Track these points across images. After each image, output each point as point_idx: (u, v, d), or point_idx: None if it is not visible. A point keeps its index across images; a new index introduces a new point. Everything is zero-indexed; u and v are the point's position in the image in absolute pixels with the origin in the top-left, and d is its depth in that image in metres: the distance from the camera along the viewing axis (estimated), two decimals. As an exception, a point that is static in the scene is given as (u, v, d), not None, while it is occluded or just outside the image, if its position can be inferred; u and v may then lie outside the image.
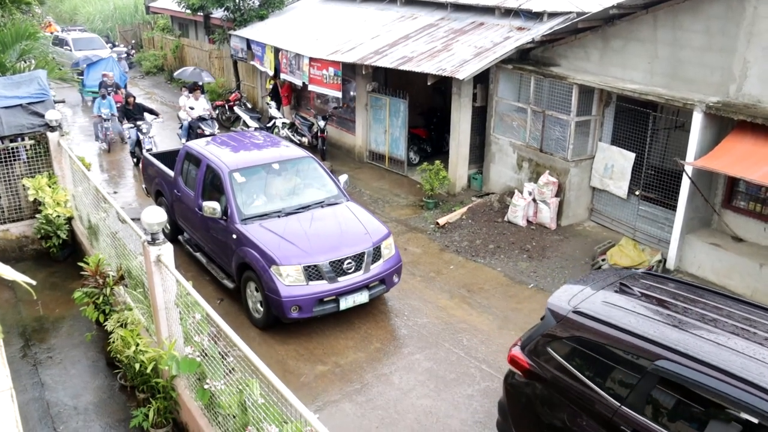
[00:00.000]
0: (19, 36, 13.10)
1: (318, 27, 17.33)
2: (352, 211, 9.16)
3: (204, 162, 9.57)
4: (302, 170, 9.74)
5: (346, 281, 8.14)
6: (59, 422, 6.74)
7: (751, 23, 8.68)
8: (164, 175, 10.83)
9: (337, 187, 9.55)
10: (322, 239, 8.41)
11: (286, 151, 9.99)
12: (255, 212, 8.76)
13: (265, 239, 8.21)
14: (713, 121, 9.15)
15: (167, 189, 10.66)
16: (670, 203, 10.00)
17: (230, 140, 10.58)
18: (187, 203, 9.87)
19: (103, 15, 36.74)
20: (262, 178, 9.34)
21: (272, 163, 9.51)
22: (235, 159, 9.49)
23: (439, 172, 12.59)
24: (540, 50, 12.04)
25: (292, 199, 9.18)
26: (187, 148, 10.25)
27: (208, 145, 10.23)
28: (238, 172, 9.09)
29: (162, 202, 11.04)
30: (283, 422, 4.42)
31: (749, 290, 8.98)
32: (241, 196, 8.90)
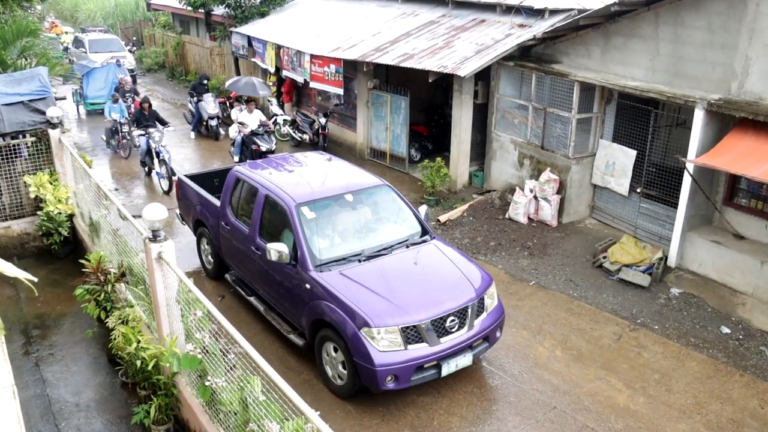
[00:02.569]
0: (20, 33, 13.11)
1: (319, 24, 17.32)
2: (444, 252, 7.73)
3: (262, 192, 8.08)
4: (379, 202, 8.29)
5: (448, 342, 6.74)
6: (61, 419, 6.76)
7: (753, 20, 8.66)
8: (207, 203, 9.34)
9: (420, 223, 8.15)
10: (418, 291, 7.02)
11: (358, 178, 8.50)
12: (331, 256, 7.29)
13: (349, 292, 6.77)
14: (715, 118, 9.14)
15: (211, 220, 9.22)
16: (672, 200, 9.99)
17: (286, 163, 9.14)
18: (240, 240, 8.43)
19: (104, 12, 36.73)
20: (335, 213, 7.87)
21: (345, 193, 8.00)
22: (301, 189, 7.93)
23: (440, 170, 12.59)
24: (541, 47, 12.02)
25: (372, 239, 7.72)
26: (237, 174, 8.71)
27: (262, 170, 8.73)
28: (306, 207, 7.60)
29: (203, 234, 9.74)
30: (284, 419, 4.43)
31: (750, 287, 8.98)
32: (313, 236, 7.44)
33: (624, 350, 8.04)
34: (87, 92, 19.63)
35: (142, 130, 14.10)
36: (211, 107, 17.28)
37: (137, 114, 14.53)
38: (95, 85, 19.60)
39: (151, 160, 13.93)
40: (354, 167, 9.01)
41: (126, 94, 17.30)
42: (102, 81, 19.53)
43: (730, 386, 7.36)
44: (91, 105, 19.78)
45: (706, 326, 8.49)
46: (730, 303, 8.93)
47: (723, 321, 8.57)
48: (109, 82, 19.46)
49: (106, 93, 19.26)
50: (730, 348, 8.06)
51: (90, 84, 19.60)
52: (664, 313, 8.82)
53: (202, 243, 9.88)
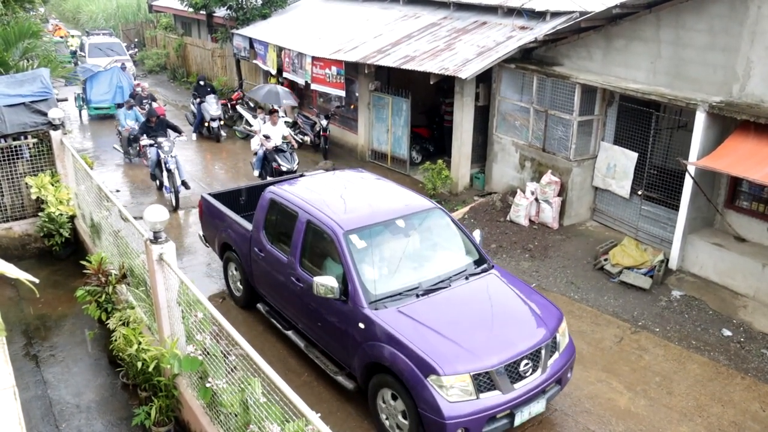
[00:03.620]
0: (22, 34, 13.13)
1: (321, 26, 17.34)
2: (508, 284, 7.03)
3: (302, 217, 7.30)
4: (432, 227, 7.57)
5: (522, 388, 6.06)
6: (61, 420, 6.75)
7: (754, 22, 8.66)
8: (236, 226, 8.58)
9: (477, 250, 7.45)
10: (487, 331, 6.30)
11: (407, 200, 7.70)
12: (386, 291, 6.51)
13: (412, 334, 6.03)
14: (716, 120, 9.14)
15: (241, 244, 8.43)
16: (673, 203, 9.98)
17: (324, 182, 8.33)
18: (276, 269, 7.68)
19: (106, 14, 36.78)
20: (387, 241, 7.11)
21: (396, 218, 7.23)
22: (347, 214, 7.16)
23: (441, 172, 12.59)
24: (543, 49, 12.03)
25: (428, 270, 6.96)
26: (272, 195, 7.95)
27: (299, 190, 7.91)
28: (356, 234, 6.82)
29: (231, 259, 8.94)
30: (284, 421, 4.43)
31: (752, 290, 8.96)
32: (365, 268, 6.65)
33: (625, 353, 8.03)
34: (90, 96, 19.02)
35: (151, 140, 13.13)
36: (213, 109, 17.29)
37: (142, 127, 13.56)
38: (99, 89, 18.97)
39: (161, 172, 12.97)
40: (399, 187, 8.21)
41: (143, 100, 16.81)
42: (106, 85, 18.96)
43: (731, 389, 7.35)
44: (95, 110, 19.28)
45: (707, 329, 8.48)
46: (732, 306, 8.91)
47: (724, 324, 8.56)
48: (114, 86, 18.98)
49: (110, 97, 18.94)
50: (731, 351, 8.04)
51: (93, 88, 18.97)
52: (665, 315, 8.81)
53: (229, 268, 9.09)
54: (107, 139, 17.47)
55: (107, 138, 17.62)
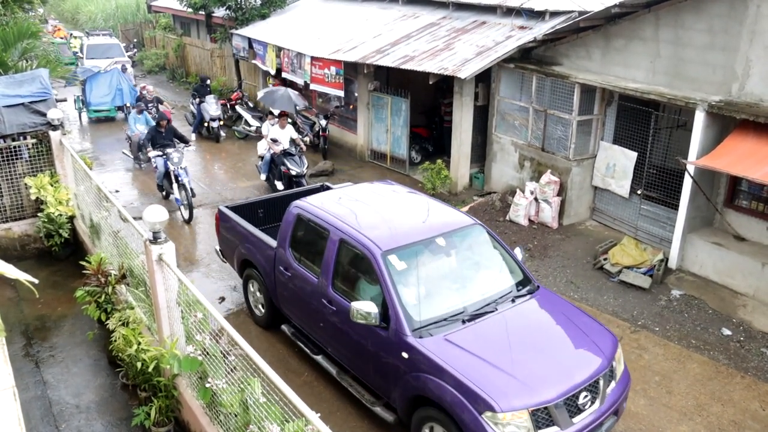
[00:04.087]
0: (21, 35, 13.12)
1: (320, 26, 17.34)
2: (558, 307, 6.57)
3: (335, 235, 6.76)
4: (474, 245, 7.04)
5: (581, 422, 5.59)
6: (61, 420, 6.75)
7: (753, 21, 8.67)
8: (258, 242, 8.04)
9: (522, 269, 6.95)
10: (541, 361, 5.77)
11: (445, 216, 7.22)
12: (430, 317, 6.01)
13: (462, 365, 5.53)
14: (715, 120, 9.14)
15: (264, 262, 7.89)
16: (672, 202, 9.99)
17: (354, 196, 7.71)
18: (304, 290, 7.16)
19: (105, 14, 36.77)
20: (428, 262, 6.59)
21: (436, 236, 6.70)
22: (384, 232, 6.60)
23: (440, 171, 12.59)
24: (542, 49, 12.03)
25: (472, 293, 6.44)
26: (299, 211, 7.40)
27: (328, 205, 7.33)
28: (394, 255, 6.30)
29: (252, 277, 8.36)
30: (284, 421, 4.43)
31: (751, 289, 8.97)
32: (407, 291, 6.14)
33: (625, 352, 8.02)
34: (90, 99, 18.60)
35: (159, 150, 12.40)
36: (213, 109, 17.28)
37: (152, 133, 12.78)
38: (99, 91, 18.54)
39: (169, 183, 12.40)
40: (434, 201, 7.72)
41: (149, 103, 16.33)
42: (106, 87, 18.56)
43: (731, 388, 7.35)
44: (95, 112, 18.90)
45: (707, 328, 8.48)
46: (731, 305, 8.92)
47: (724, 323, 8.56)
48: (114, 88, 18.62)
49: (110, 100, 18.65)
50: (731, 350, 8.05)
51: (93, 90, 18.53)
52: (664, 314, 8.81)
53: (250, 287, 8.53)
54: (107, 141, 17.39)
55: (107, 140, 17.53)
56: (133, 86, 19.32)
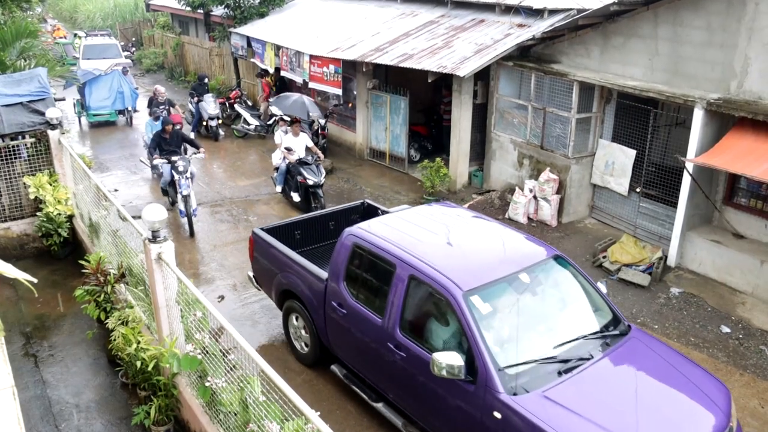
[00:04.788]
0: (19, 34, 13.10)
1: (318, 24, 17.32)
2: (659, 353, 5.77)
3: (404, 270, 5.95)
4: (558, 280, 6.23)
5: None
6: (61, 420, 6.75)
7: (752, 19, 8.67)
8: (302, 272, 7.19)
9: (611, 307, 6.17)
10: (658, 422, 5.02)
11: (524, 247, 6.50)
12: (523, 369, 5.26)
13: (569, 429, 4.81)
14: (714, 117, 9.14)
15: (311, 295, 7.07)
16: (671, 200, 9.99)
17: (421, 224, 6.76)
18: (364, 330, 6.35)
19: (104, 13, 36.71)
20: (513, 303, 5.80)
21: (518, 272, 5.92)
22: (462, 267, 5.85)
23: (439, 170, 12.59)
24: (540, 47, 12.03)
25: (562, 337, 5.66)
26: (357, 240, 6.56)
27: (393, 234, 6.48)
28: (477, 295, 5.53)
29: (294, 309, 7.52)
30: (284, 420, 4.43)
31: (750, 287, 8.98)
32: (494, 338, 5.40)
33: (624, 350, 8.03)
34: (90, 102, 17.98)
35: (164, 157, 11.70)
36: (211, 108, 17.26)
37: (157, 139, 12.07)
38: (99, 94, 17.91)
39: (174, 192, 11.79)
40: (507, 228, 6.92)
41: (160, 106, 15.71)
42: (106, 90, 17.96)
43: (730, 385, 7.35)
44: (95, 116, 18.29)
45: (705, 325, 8.49)
46: (730, 302, 8.93)
47: (723, 320, 8.57)
48: (114, 91, 18.06)
49: (111, 104, 18.10)
50: (730, 347, 8.06)
51: (93, 93, 17.89)
52: (663, 312, 8.82)
53: (292, 320, 7.70)
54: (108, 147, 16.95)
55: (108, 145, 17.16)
56: (134, 89, 18.85)
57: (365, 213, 8.84)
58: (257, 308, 9.02)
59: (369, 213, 8.73)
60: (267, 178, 14.48)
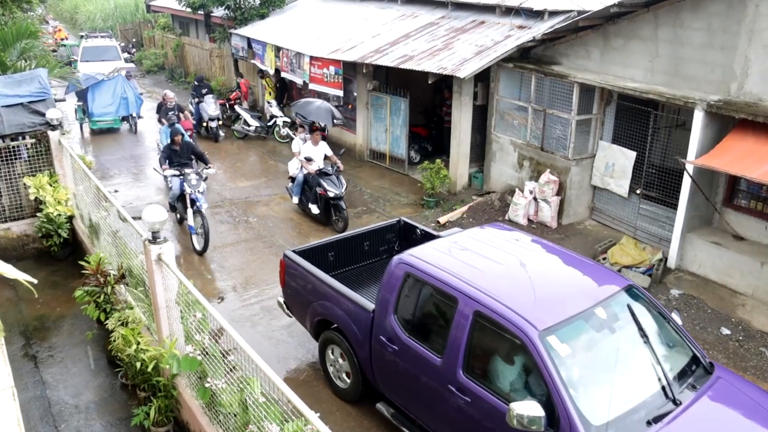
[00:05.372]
0: (19, 35, 13.12)
1: (319, 25, 17.33)
2: (751, 396, 5.30)
3: (467, 305, 5.38)
4: (633, 314, 5.55)
5: None
6: (60, 421, 6.75)
7: (752, 21, 8.67)
8: (344, 302, 6.60)
9: (690, 342, 5.68)
10: None
11: (596, 276, 5.91)
12: (609, 419, 4.75)
13: None
14: (714, 119, 9.14)
15: (353, 327, 6.48)
16: (671, 202, 9.99)
17: (480, 251, 6.16)
18: (419, 369, 5.79)
19: (104, 14, 36.73)
20: (592, 342, 5.34)
21: (594, 306, 5.37)
22: (533, 302, 5.30)
23: (439, 171, 12.59)
24: (541, 49, 12.03)
25: (645, 380, 5.15)
26: (410, 269, 5.96)
27: (451, 263, 5.89)
28: (554, 335, 5.00)
29: (332, 341, 6.93)
30: (284, 421, 4.43)
31: (750, 288, 8.97)
32: (575, 384, 4.87)
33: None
34: (92, 109, 17.26)
35: (176, 169, 11.03)
36: (211, 109, 17.26)
37: (167, 151, 11.41)
38: (102, 100, 17.23)
39: (183, 207, 11.11)
40: (572, 254, 6.41)
41: (169, 112, 15.04)
42: (109, 96, 17.33)
43: (730, 387, 7.36)
44: (97, 123, 17.61)
45: (706, 327, 8.49)
46: (730, 304, 8.92)
47: (723, 322, 8.57)
48: (118, 96, 17.44)
49: (114, 110, 17.50)
50: (730, 349, 8.05)
51: (96, 99, 17.20)
52: (664, 314, 8.81)
53: (329, 353, 7.09)
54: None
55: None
56: (139, 95, 18.30)
57: (401, 231, 8.39)
58: (257, 309, 9.02)
59: (405, 231, 8.31)
60: (267, 179, 14.50)
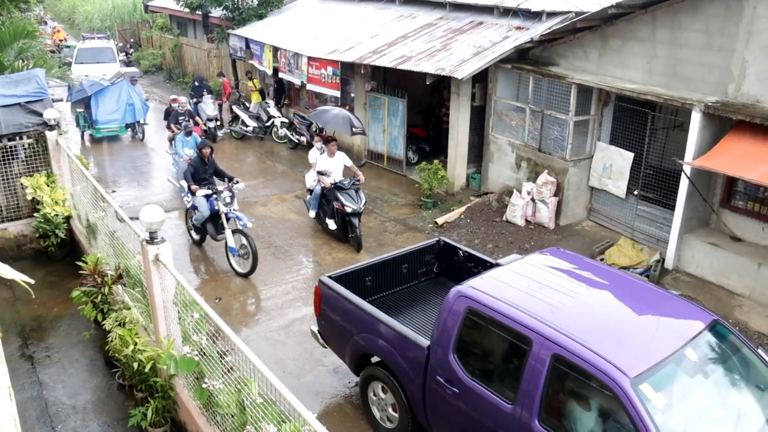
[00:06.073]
0: (17, 34, 13.09)
1: (317, 26, 17.34)
2: None
3: (543, 347, 4.79)
4: (724, 353, 5.08)
5: None
6: (57, 421, 6.73)
7: (750, 22, 8.69)
8: (392, 336, 6.00)
9: None
10: None
11: (678, 311, 5.35)
12: None
13: None
14: (712, 120, 9.16)
15: (405, 365, 5.89)
16: (669, 203, 10.00)
17: (543, 279, 5.63)
18: (485, 415, 5.19)
19: (102, 14, 36.70)
20: (686, 388, 4.75)
21: (683, 347, 4.82)
22: (619, 344, 4.73)
23: (437, 172, 12.60)
24: (539, 50, 12.04)
25: (744, 429, 4.65)
26: (473, 303, 5.34)
27: (517, 295, 5.31)
28: (648, 383, 4.44)
29: (375, 377, 6.38)
30: (281, 421, 4.42)
31: (747, 289, 8.99)
32: None
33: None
34: (97, 116, 16.50)
35: (206, 188, 10.05)
36: (210, 109, 17.25)
37: (195, 164, 10.33)
38: (106, 107, 16.54)
39: (215, 229, 10.26)
40: (649, 285, 5.89)
41: (179, 118, 14.34)
42: (114, 102, 16.68)
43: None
44: (102, 131, 16.79)
45: (703, 328, 8.49)
46: (728, 305, 8.93)
47: (720, 323, 8.57)
48: (123, 103, 16.77)
49: (120, 117, 16.75)
50: (727, 350, 8.05)
51: (100, 106, 16.52)
52: (661, 315, 8.81)
53: (371, 390, 6.55)
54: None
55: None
56: (145, 100, 17.72)
57: (440, 252, 7.89)
58: (254, 309, 9.01)
59: (446, 252, 7.81)
60: (265, 179, 14.50)
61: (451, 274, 7.70)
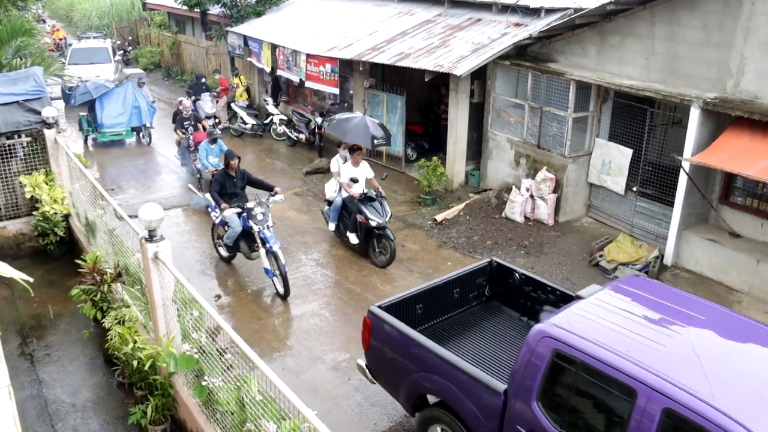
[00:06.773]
0: (14, 33, 13.07)
1: (315, 23, 17.31)
2: None
3: (652, 400, 4.19)
4: None
5: None
6: (57, 419, 6.74)
7: (748, 18, 8.68)
8: (460, 378, 5.39)
9: None
10: None
11: None
12: None
13: None
14: (710, 117, 9.16)
15: (476, 411, 5.28)
16: (668, 199, 10.01)
17: (638, 312, 5.09)
18: None
19: (100, 12, 36.58)
20: None
21: None
22: (742, 397, 4.13)
23: (436, 169, 12.59)
24: (537, 46, 12.03)
25: None
26: (560, 345, 4.75)
27: (611, 336, 4.68)
28: None
29: (439, 420, 5.76)
30: (281, 419, 4.42)
31: (746, 286, 9.00)
32: None
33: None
34: (102, 119, 15.94)
35: (236, 206, 9.32)
36: (208, 107, 17.23)
37: (221, 179, 9.55)
38: (111, 110, 15.97)
39: (248, 247, 9.55)
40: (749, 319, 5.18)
41: (184, 122, 13.85)
42: (119, 104, 16.12)
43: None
44: (107, 135, 16.21)
45: (702, 324, 8.50)
46: (726, 301, 8.94)
47: (719, 319, 8.58)
48: (129, 105, 16.20)
49: (126, 120, 16.18)
50: (726, 346, 8.06)
51: (105, 109, 15.95)
52: (660, 311, 8.82)
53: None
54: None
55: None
56: (151, 103, 17.16)
57: (493, 274, 7.26)
58: (255, 307, 9.01)
59: (499, 274, 7.19)
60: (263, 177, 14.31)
61: (502, 297, 7.15)
